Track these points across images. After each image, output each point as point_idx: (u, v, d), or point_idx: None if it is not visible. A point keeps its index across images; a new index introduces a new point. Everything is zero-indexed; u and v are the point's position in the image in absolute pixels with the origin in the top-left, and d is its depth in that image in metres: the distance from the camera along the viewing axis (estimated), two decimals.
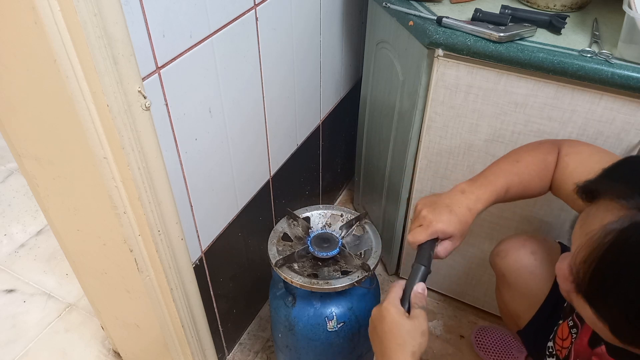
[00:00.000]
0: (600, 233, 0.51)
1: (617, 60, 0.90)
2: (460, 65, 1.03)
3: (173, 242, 0.93)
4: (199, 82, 0.88)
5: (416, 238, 0.77)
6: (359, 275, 0.98)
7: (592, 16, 1.04)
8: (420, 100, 1.13)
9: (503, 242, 1.00)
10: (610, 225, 0.50)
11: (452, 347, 1.38)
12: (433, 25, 1.02)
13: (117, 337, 1.28)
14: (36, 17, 0.61)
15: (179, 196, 0.92)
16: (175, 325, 1.06)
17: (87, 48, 0.64)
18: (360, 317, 1.05)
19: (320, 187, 1.60)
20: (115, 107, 0.71)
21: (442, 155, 1.19)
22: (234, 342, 1.37)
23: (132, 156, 0.77)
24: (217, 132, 0.98)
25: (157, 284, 0.97)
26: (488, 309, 1.42)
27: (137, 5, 0.71)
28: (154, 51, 0.76)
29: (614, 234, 0.50)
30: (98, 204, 0.83)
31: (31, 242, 1.70)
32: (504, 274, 0.98)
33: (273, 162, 1.24)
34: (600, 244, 0.51)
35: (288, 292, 1.06)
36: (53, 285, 1.55)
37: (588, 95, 0.95)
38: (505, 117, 1.05)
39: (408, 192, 1.31)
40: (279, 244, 1.08)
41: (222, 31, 0.89)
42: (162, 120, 0.83)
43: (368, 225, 1.11)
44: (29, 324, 1.45)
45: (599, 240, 0.51)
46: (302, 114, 1.30)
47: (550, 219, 1.15)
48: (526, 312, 0.97)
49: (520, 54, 0.95)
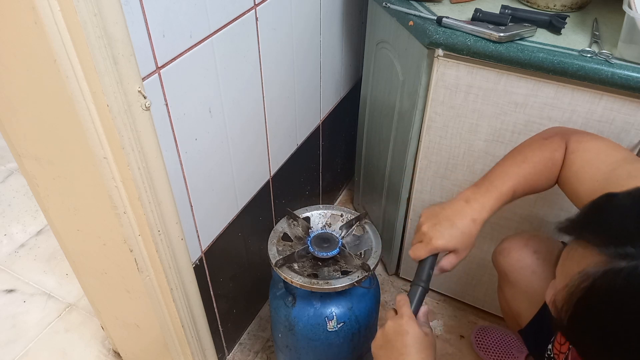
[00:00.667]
0: (578, 278, 0.52)
1: (617, 60, 0.90)
2: (460, 65, 1.03)
3: (173, 242, 0.93)
4: (199, 82, 0.88)
5: (416, 254, 0.79)
6: (359, 275, 0.98)
7: (592, 16, 1.04)
8: (420, 100, 1.13)
9: (506, 241, 1.00)
10: (586, 271, 0.51)
11: (452, 347, 1.38)
12: (433, 25, 1.02)
13: (117, 337, 1.28)
14: (36, 17, 0.61)
15: (179, 196, 0.92)
16: (175, 325, 1.06)
17: (87, 48, 0.64)
18: (360, 317, 1.05)
19: (320, 187, 1.60)
20: (115, 107, 0.71)
21: (442, 155, 1.19)
22: (234, 342, 1.37)
23: (132, 156, 0.77)
24: (217, 132, 0.98)
25: (157, 284, 0.97)
26: (488, 309, 1.42)
27: (137, 5, 0.71)
28: (154, 51, 0.76)
29: (589, 281, 0.50)
30: (98, 204, 0.83)
31: (31, 242, 1.70)
32: (506, 272, 0.98)
33: (273, 162, 1.24)
34: (577, 289, 0.51)
35: (288, 292, 1.06)
36: (53, 285, 1.55)
37: (588, 95, 0.95)
38: (505, 117, 1.05)
39: (408, 192, 1.31)
40: (279, 244, 1.08)
41: (222, 31, 0.89)
42: (162, 120, 0.83)
43: (368, 225, 1.11)
44: (29, 324, 1.45)
45: (576, 285, 0.52)
46: (302, 114, 1.30)
47: (551, 218, 1.15)
48: (527, 311, 0.97)
49: (520, 54, 0.95)
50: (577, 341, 0.55)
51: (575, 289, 0.51)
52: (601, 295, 0.50)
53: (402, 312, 0.76)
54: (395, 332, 0.75)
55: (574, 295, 0.51)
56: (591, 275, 0.50)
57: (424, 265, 0.78)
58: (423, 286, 0.78)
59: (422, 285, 0.78)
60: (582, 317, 0.52)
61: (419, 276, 0.78)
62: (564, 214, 1.12)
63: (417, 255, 0.79)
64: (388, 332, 0.76)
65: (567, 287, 0.53)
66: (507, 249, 0.98)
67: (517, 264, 0.96)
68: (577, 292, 0.51)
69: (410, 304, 0.78)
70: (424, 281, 0.78)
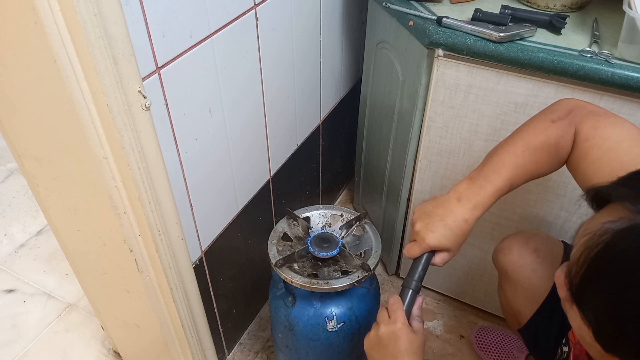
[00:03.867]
0: (598, 231, 0.50)
1: (617, 60, 0.90)
2: (460, 65, 1.03)
3: (173, 242, 0.93)
4: (199, 82, 0.88)
5: (410, 253, 0.80)
6: (359, 275, 0.98)
7: (592, 16, 1.04)
8: (420, 100, 1.13)
9: (506, 239, 1.00)
10: (608, 225, 0.49)
11: (452, 347, 1.38)
12: (433, 25, 1.02)
13: (117, 337, 1.28)
14: (36, 17, 0.61)
15: (179, 196, 0.92)
16: (175, 325, 1.06)
17: (87, 48, 0.64)
18: (360, 317, 1.05)
19: (320, 187, 1.60)
20: (115, 107, 0.71)
21: (442, 155, 1.19)
22: (234, 342, 1.37)
23: (132, 156, 0.77)
24: (217, 132, 0.98)
25: (157, 284, 0.97)
26: (488, 309, 1.42)
27: (137, 5, 0.71)
28: (154, 51, 0.76)
29: (610, 234, 0.48)
30: (98, 204, 0.83)
31: (31, 242, 1.70)
32: (506, 271, 0.98)
33: (273, 162, 1.24)
34: (596, 242, 0.49)
35: (288, 292, 1.06)
36: (53, 285, 1.55)
37: (588, 95, 0.95)
38: (505, 117, 1.05)
39: (408, 192, 1.31)
40: (279, 244, 1.08)
41: (222, 31, 0.89)
42: (162, 120, 0.83)
43: (368, 225, 1.11)
44: (29, 324, 1.45)
45: (594, 239, 0.49)
46: (302, 113, 1.30)
47: (551, 218, 1.15)
48: (528, 310, 0.97)
49: (520, 54, 0.95)
50: (586, 298, 0.52)
51: (593, 243, 0.49)
52: (623, 247, 0.47)
53: (396, 316, 0.78)
54: (389, 338, 0.77)
55: (591, 248, 0.49)
56: (613, 228, 0.48)
57: (418, 263, 0.79)
58: (415, 284, 0.80)
59: (415, 283, 0.80)
60: (597, 271, 0.49)
61: (412, 275, 0.80)
62: (564, 214, 1.12)
63: (410, 254, 0.80)
64: (382, 336, 0.78)
65: (583, 243, 0.50)
66: (508, 247, 0.98)
67: (518, 262, 0.96)
68: (594, 246, 0.49)
69: (403, 303, 0.79)
70: (416, 280, 0.79)
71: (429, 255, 0.79)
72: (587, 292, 0.51)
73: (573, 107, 0.75)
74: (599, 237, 0.49)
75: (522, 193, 1.14)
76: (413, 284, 0.79)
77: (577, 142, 0.72)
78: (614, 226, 0.48)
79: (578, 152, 0.72)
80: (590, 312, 0.51)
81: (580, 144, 0.71)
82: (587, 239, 0.50)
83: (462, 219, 0.76)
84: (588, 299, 0.51)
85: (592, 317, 0.51)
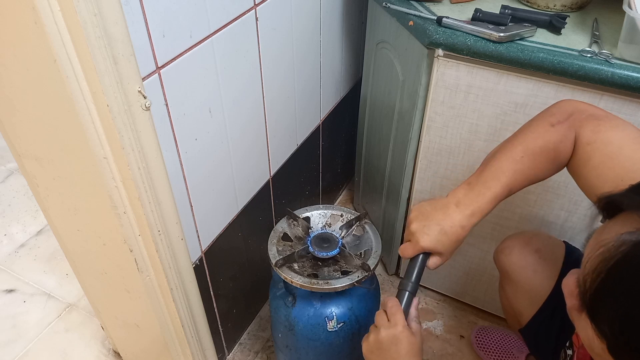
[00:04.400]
0: (614, 243, 0.48)
1: (617, 60, 0.90)
2: (460, 65, 1.03)
3: (173, 242, 0.93)
4: (199, 82, 0.88)
5: (404, 253, 0.79)
6: (359, 275, 0.98)
7: (592, 16, 1.04)
8: (420, 100, 1.13)
9: (508, 240, 1.00)
10: (625, 236, 0.47)
11: (452, 347, 1.38)
12: (433, 25, 1.02)
13: (117, 337, 1.28)
14: (36, 17, 0.61)
15: (179, 196, 0.92)
16: (175, 325, 1.06)
17: (87, 48, 0.64)
18: (360, 317, 1.05)
19: (320, 187, 1.60)
20: (115, 107, 0.71)
21: (442, 155, 1.19)
22: (234, 342, 1.37)
23: (132, 156, 0.77)
24: (217, 132, 0.98)
25: (157, 284, 0.97)
26: (488, 309, 1.42)
27: (137, 5, 0.71)
28: (154, 51, 0.76)
29: (628, 245, 0.46)
30: (98, 204, 0.83)
31: (31, 242, 1.70)
32: (507, 271, 0.98)
33: (273, 162, 1.24)
34: (613, 254, 0.47)
35: (288, 292, 1.06)
36: (53, 285, 1.55)
37: (588, 95, 0.95)
38: (505, 117, 1.05)
39: (408, 192, 1.31)
40: (279, 244, 1.08)
41: (222, 31, 0.89)
42: (162, 120, 0.83)
43: (368, 225, 1.11)
44: (29, 324, 1.45)
45: (611, 250, 0.48)
46: (302, 113, 1.30)
47: (551, 218, 1.15)
48: (528, 310, 0.97)
49: (520, 54, 0.94)
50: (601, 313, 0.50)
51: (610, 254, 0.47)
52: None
53: (396, 320, 0.77)
54: (390, 342, 0.76)
55: (608, 260, 0.47)
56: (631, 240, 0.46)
57: (414, 265, 0.79)
58: (412, 286, 0.80)
59: (412, 285, 0.79)
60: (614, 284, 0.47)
61: (408, 276, 0.79)
62: (564, 214, 1.12)
63: (404, 254, 0.79)
64: (383, 340, 0.77)
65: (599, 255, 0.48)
66: (509, 247, 0.98)
67: (519, 262, 0.96)
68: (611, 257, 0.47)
69: (400, 303, 0.79)
70: (413, 282, 0.79)
71: (424, 256, 0.78)
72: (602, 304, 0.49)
73: (573, 110, 0.74)
74: (616, 249, 0.47)
75: (522, 193, 1.13)
76: (410, 286, 0.79)
77: (578, 146, 0.71)
78: (632, 237, 0.47)
79: (579, 156, 0.71)
80: (606, 325, 0.49)
81: (581, 149, 0.70)
82: (604, 250, 0.49)
83: (459, 225, 0.74)
84: (603, 311, 0.49)
85: (608, 331, 0.49)
